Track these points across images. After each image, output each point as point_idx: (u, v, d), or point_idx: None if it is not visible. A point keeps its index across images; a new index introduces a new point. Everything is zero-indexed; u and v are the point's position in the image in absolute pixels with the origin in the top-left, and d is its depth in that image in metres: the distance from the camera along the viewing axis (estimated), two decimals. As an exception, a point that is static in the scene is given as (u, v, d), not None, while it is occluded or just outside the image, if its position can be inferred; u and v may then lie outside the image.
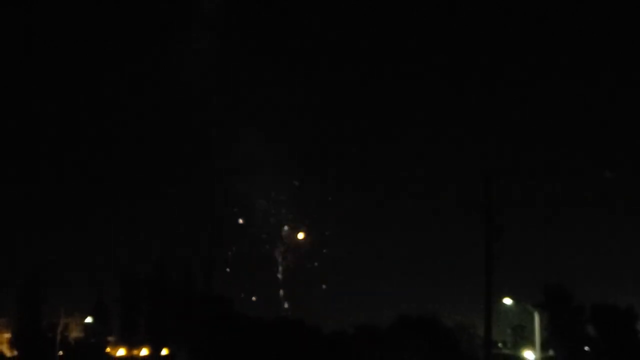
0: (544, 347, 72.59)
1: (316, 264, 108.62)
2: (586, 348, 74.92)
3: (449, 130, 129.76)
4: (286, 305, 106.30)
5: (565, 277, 77.05)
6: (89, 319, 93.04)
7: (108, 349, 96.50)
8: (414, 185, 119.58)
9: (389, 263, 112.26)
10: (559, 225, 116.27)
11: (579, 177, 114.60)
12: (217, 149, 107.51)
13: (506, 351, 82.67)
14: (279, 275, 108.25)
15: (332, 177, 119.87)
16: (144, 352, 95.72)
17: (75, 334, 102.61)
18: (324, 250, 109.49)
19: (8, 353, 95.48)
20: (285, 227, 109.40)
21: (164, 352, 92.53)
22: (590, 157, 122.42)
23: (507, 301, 68.13)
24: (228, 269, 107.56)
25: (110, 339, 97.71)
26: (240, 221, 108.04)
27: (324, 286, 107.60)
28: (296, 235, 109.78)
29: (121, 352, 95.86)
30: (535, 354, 65.85)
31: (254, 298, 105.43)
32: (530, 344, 71.94)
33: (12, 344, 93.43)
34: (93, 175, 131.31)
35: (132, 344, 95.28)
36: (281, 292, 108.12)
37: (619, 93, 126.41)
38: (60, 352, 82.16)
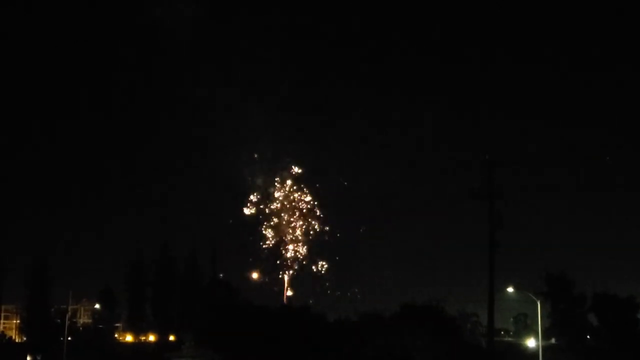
0: (546, 335, 73.44)
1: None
2: (588, 336, 75.66)
3: (450, 117, 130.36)
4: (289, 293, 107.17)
5: (567, 266, 77.65)
6: (97, 306, 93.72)
7: (116, 335, 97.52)
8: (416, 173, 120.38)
9: (393, 251, 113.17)
10: (562, 215, 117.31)
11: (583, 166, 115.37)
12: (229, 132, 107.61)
13: (509, 339, 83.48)
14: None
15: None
16: (151, 338, 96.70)
17: (83, 320, 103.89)
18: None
19: (17, 339, 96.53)
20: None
21: (171, 338, 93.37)
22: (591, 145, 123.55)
23: (510, 290, 68.73)
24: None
25: (117, 325, 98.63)
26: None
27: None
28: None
29: (128, 338, 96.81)
30: (537, 342, 66.52)
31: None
32: (532, 332, 72.66)
33: (21, 330, 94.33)
34: (97, 164, 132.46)
35: (140, 330, 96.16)
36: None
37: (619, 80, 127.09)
38: (69, 338, 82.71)
